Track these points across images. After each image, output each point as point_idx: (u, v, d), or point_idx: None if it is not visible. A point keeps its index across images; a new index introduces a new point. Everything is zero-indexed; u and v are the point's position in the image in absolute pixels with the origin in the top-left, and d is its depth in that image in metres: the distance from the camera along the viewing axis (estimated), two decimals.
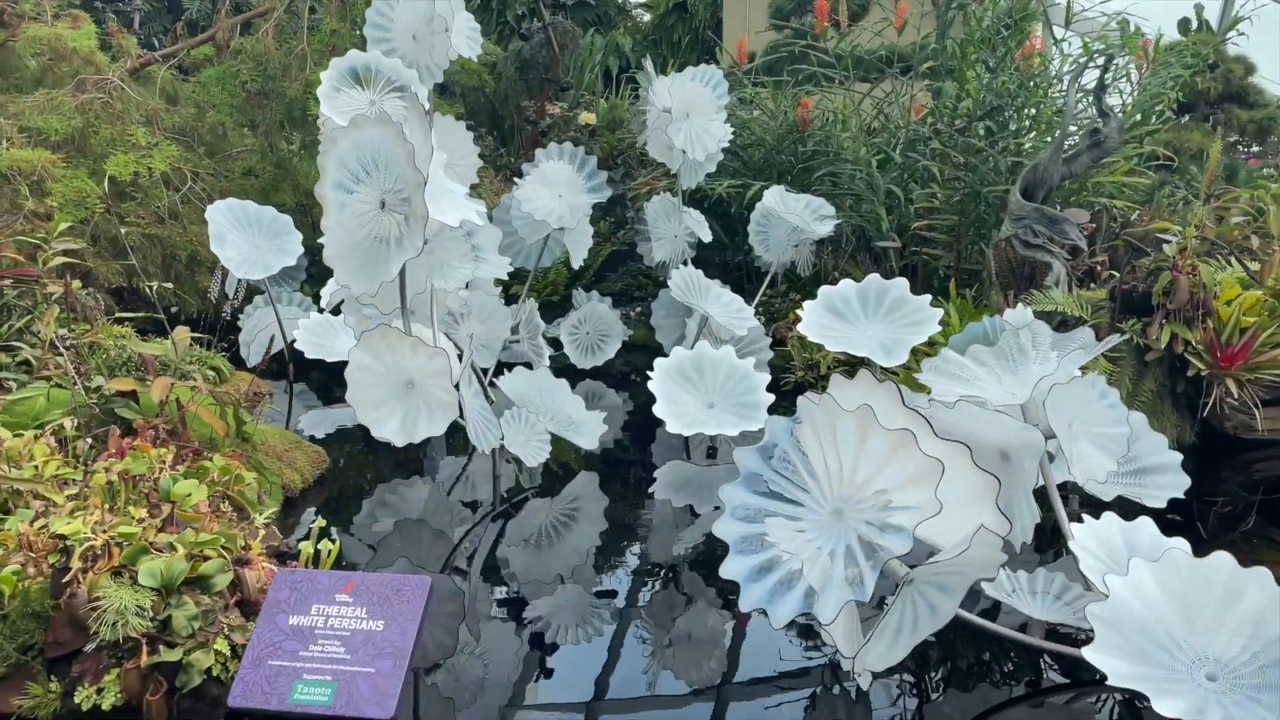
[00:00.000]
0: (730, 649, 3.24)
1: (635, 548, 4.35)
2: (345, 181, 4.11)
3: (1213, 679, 2.45)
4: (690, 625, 3.40)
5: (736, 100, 8.61)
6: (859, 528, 2.45)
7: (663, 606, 3.62)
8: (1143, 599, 2.55)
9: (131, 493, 3.14)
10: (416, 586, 2.46)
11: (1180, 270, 4.92)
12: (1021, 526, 3.01)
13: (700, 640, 3.30)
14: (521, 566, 4.04)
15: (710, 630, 3.36)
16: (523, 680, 2.97)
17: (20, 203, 6.88)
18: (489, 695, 2.82)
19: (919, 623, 2.60)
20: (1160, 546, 2.93)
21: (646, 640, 3.33)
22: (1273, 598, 2.50)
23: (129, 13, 9.97)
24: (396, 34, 6.35)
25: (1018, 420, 3.04)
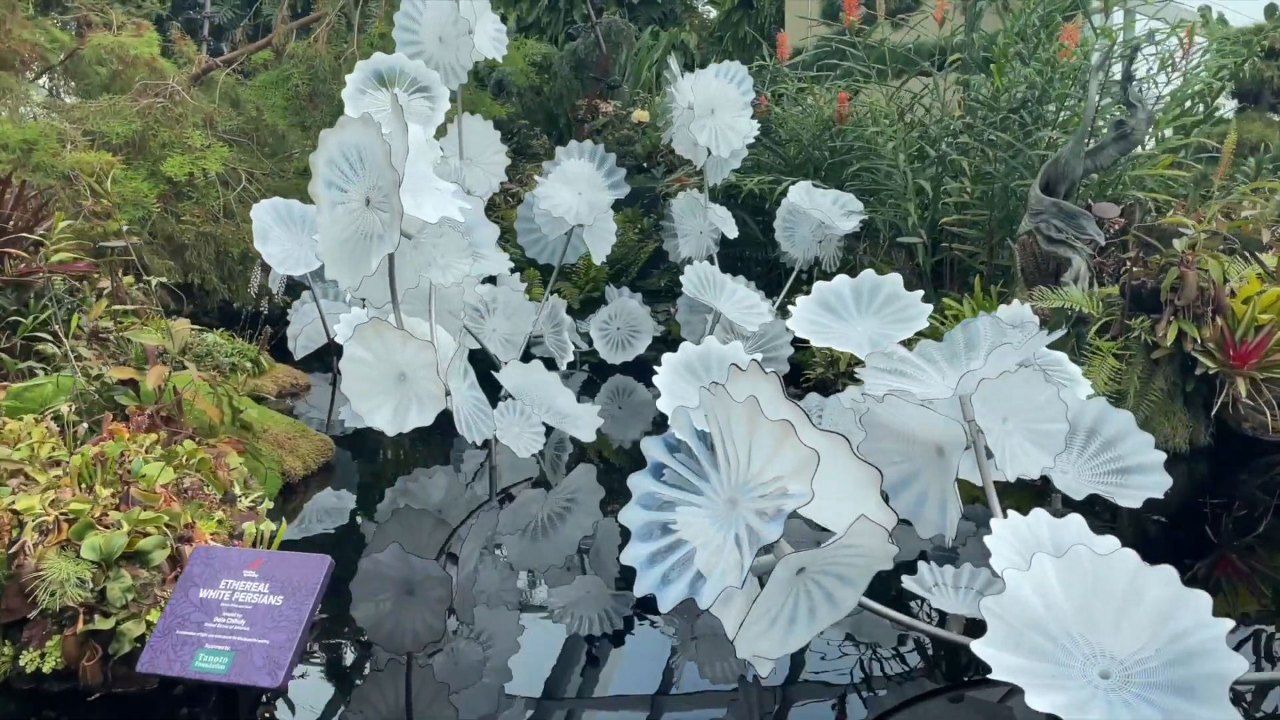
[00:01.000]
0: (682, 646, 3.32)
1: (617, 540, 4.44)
2: (335, 180, 4.27)
3: (1105, 676, 2.43)
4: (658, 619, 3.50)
5: (776, 96, 8.62)
6: (748, 517, 2.49)
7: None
8: (1041, 594, 2.54)
9: (107, 473, 3.35)
10: (316, 565, 2.59)
11: (1188, 266, 4.78)
12: (946, 520, 3.01)
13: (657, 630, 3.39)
14: (514, 555, 4.18)
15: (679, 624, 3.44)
16: (502, 664, 3.11)
17: (80, 202, 7.27)
18: (469, 676, 2.99)
19: (816, 612, 2.63)
20: (1089, 543, 2.90)
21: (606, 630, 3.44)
22: (1174, 597, 2.47)
23: (200, 20, 10.42)
24: (424, 36, 6.55)
25: (949, 415, 3.04)
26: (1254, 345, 4.81)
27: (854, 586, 2.64)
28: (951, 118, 7.20)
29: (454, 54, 6.50)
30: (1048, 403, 3.17)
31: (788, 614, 2.58)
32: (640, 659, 3.26)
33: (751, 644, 2.52)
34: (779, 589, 2.44)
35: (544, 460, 5.41)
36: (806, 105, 8.17)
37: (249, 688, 2.41)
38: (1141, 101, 5.94)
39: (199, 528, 3.06)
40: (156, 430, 3.91)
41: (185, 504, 3.30)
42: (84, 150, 7.57)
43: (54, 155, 7.35)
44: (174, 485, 3.30)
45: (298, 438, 4.89)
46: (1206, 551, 4.23)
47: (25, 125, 7.40)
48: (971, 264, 7.20)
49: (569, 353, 6.97)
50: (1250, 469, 5.06)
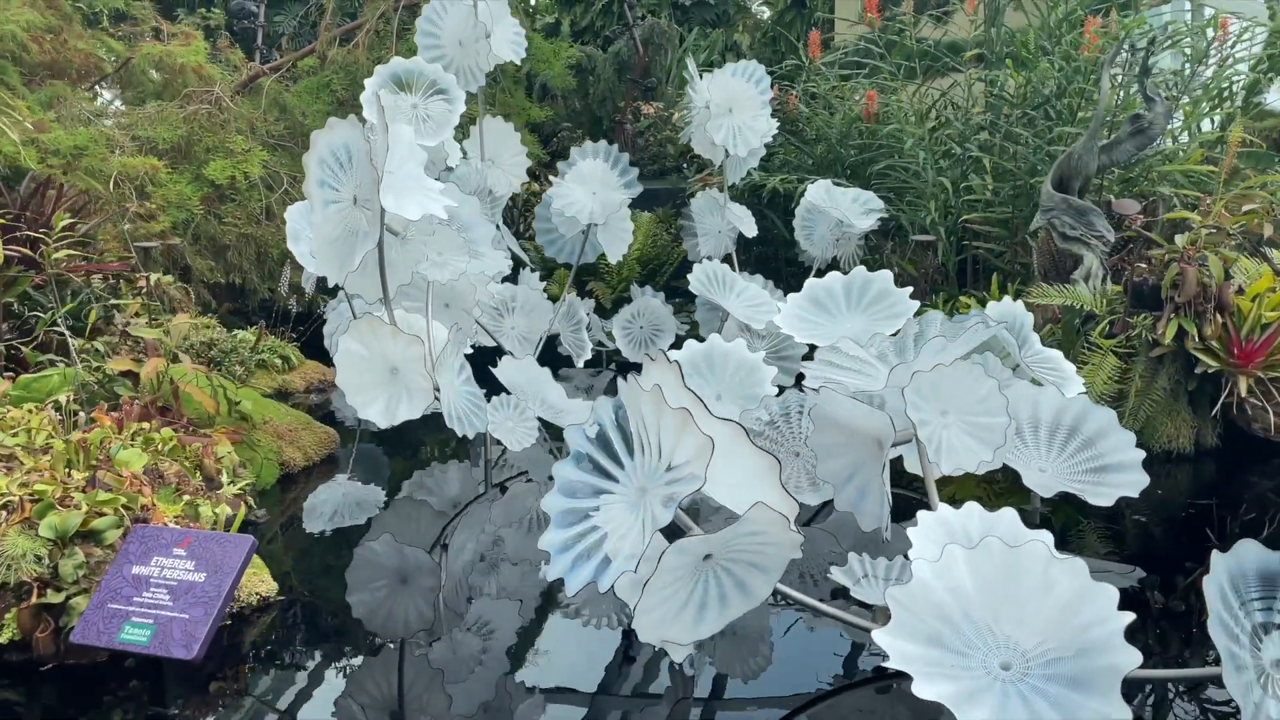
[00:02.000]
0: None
1: None
2: (327, 180, 4.41)
3: (1006, 667, 2.42)
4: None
5: (809, 96, 8.61)
6: (654, 503, 2.54)
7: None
8: (949, 584, 2.54)
9: (90, 459, 3.52)
10: (239, 544, 2.71)
11: (1189, 262, 4.68)
12: (875, 513, 3.01)
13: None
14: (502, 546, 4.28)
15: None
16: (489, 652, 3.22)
17: (125, 204, 7.58)
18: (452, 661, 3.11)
19: (728, 599, 2.67)
20: (1019, 537, 2.88)
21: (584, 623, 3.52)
22: (1081, 590, 2.45)
23: (254, 29, 10.77)
24: (445, 40, 6.70)
25: (882, 408, 3.04)
26: (1260, 344, 4.68)
27: (767, 574, 2.67)
28: (973, 115, 7.12)
29: (473, 57, 6.63)
30: (988, 396, 3.15)
31: (697, 601, 2.62)
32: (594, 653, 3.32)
33: (656, 629, 2.56)
34: (674, 575, 2.48)
35: (559, 455, 5.50)
36: (834, 104, 8.14)
37: (167, 659, 2.53)
38: (1160, 95, 5.82)
39: (162, 510, 3.20)
40: (151, 419, 4.09)
41: (159, 488, 3.45)
42: (131, 155, 7.89)
43: (102, 160, 7.67)
44: (151, 470, 3.46)
45: (300, 429, 5.06)
46: (1203, 555, 4.13)
47: (76, 132, 7.74)
48: (996, 262, 7.11)
49: (587, 350, 7.05)
50: (1257, 470, 4.92)
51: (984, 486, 4.78)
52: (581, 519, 2.69)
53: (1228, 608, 2.32)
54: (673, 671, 3.09)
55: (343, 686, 2.99)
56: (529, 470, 5.32)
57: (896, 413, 3.14)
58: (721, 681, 3.08)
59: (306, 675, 3.02)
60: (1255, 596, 2.36)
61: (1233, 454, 5.00)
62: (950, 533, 2.86)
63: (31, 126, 6.78)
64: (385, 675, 3.08)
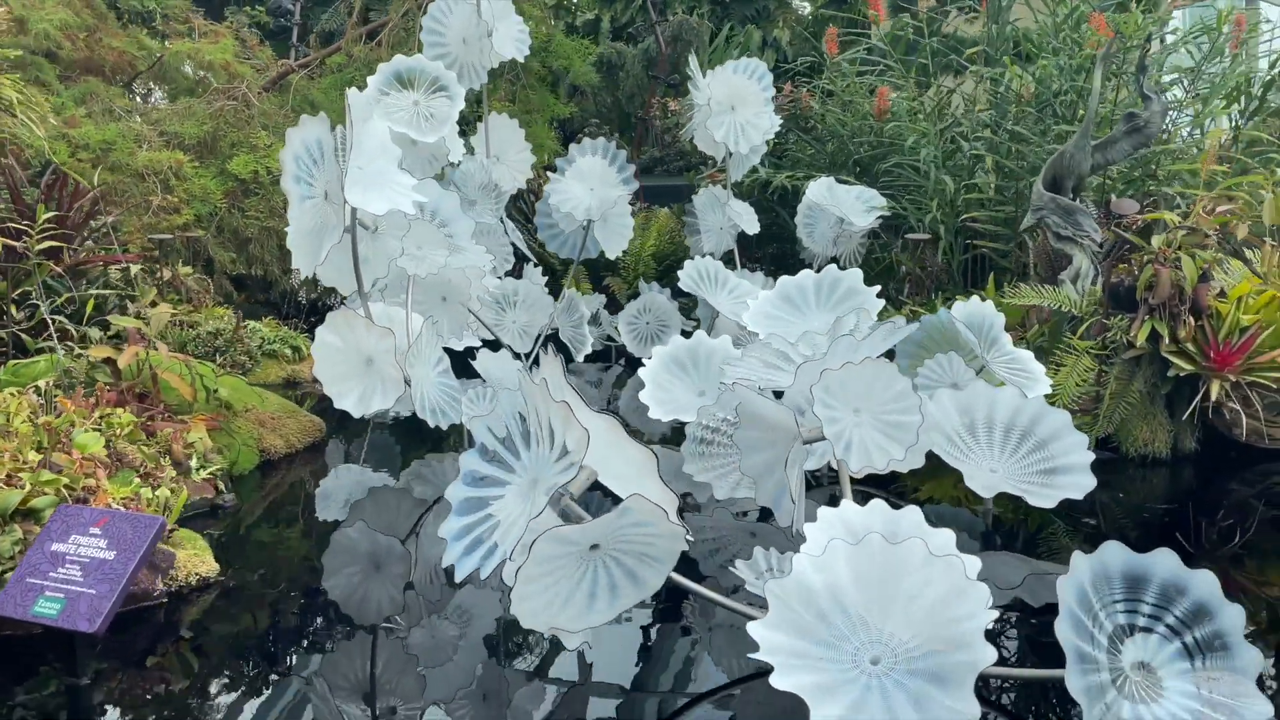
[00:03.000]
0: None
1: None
2: (302, 175, 4.55)
3: (875, 662, 2.45)
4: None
5: (825, 93, 8.59)
6: (540, 494, 2.61)
7: None
8: (828, 579, 2.57)
9: (55, 440, 3.70)
10: (148, 524, 2.83)
11: (1163, 263, 4.61)
12: (789, 509, 3.05)
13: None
14: None
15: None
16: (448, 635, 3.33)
17: (149, 198, 7.83)
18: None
19: (618, 589, 2.73)
20: (922, 533, 2.90)
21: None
22: (955, 587, 2.47)
23: (290, 27, 11.03)
24: (450, 38, 6.83)
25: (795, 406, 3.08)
26: (1238, 347, 4.61)
27: (657, 566, 2.73)
28: (977, 112, 7.06)
29: (477, 54, 6.75)
30: (900, 395, 3.16)
31: (586, 590, 2.69)
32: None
33: (540, 617, 2.63)
34: (551, 564, 2.55)
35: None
36: (849, 101, 8.12)
37: (72, 632, 2.67)
38: (1157, 93, 5.73)
39: (108, 492, 3.36)
40: (126, 405, 4.26)
41: (119, 471, 3.61)
42: (158, 150, 8.14)
43: (129, 154, 7.93)
44: (113, 453, 3.62)
45: (285, 417, 5.21)
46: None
47: (105, 127, 8.01)
48: (1002, 262, 7.04)
49: (587, 345, 7.14)
50: (1232, 476, 4.83)
51: (961, 488, 4.77)
52: (480, 508, 2.77)
53: (1086, 608, 2.33)
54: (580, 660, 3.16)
55: (266, 666, 3.11)
56: None
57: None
58: (621, 670, 3.13)
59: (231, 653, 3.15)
60: (1119, 598, 2.36)
61: (1210, 459, 4.92)
62: (850, 529, 2.88)
63: (55, 121, 7.02)
64: (313, 654, 3.20)
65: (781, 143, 8.49)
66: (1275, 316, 4.71)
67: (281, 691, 2.96)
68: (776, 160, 8.55)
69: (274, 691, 2.95)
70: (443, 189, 6.95)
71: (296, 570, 3.95)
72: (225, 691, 2.92)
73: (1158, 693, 2.28)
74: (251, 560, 3.90)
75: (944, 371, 4.62)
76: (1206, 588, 2.33)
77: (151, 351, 4.45)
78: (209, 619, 3.34)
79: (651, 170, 11.59)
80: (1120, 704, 2.25)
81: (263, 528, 4.33)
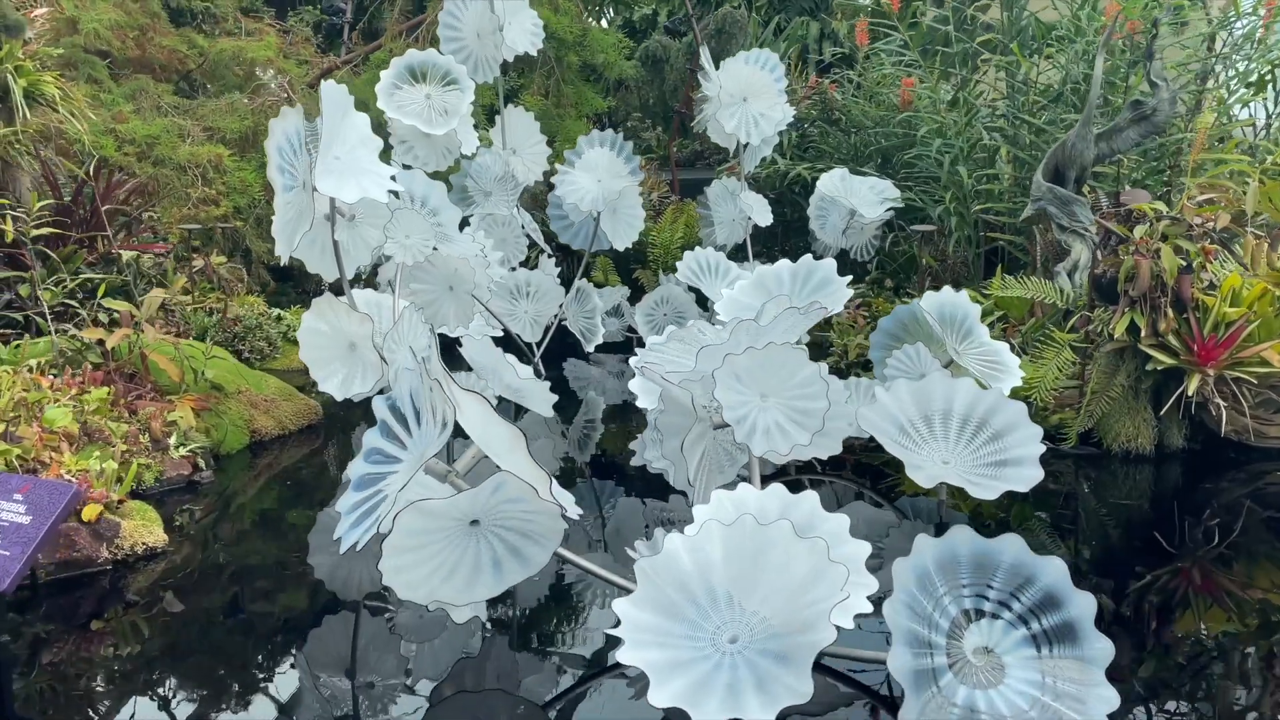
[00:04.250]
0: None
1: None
2: (285, 166, 4.70)
3: (734, 640, 2.47)
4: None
5: (854, 84, 8.53)
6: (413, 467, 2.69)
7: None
8: (699, 558, 2.59)
9: (31, 414, 3.91)
10: (64, 491, 2.98)
11: (1143, 254, 4.49)
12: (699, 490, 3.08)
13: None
14: None
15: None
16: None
17: (189, 190, 8.15)
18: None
19: (502, 566, 2.79)
20: (816, 519, 2.92)
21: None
22: (816, 569, 2.48)
23: (339, 24, 11.32)
24: (465, 33, 6.96)
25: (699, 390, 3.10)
26: (1223, 340, 4.46)
27: (541, 543, 2.79)
28: (993, 103, 6.94)
29: (491, 49, 6.87)
30: (807, 381, 3.16)
31: (469, 565, 2.76)
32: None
33: (419, 590, 2.71)
34: (421, 537, 2.62)
35: (566, 437, 5.71)
36: (876, 92, 8.05)
37: None
38: (1165, 80, 5.58)
39: (66, 463, 3.54)
40: (112, 384, 4.47)
41: (88, 445, 3.81)
42: (200, 144, 8.46)
43: (173, 148, 8.26)
44: (91, 429, 3.83)
45: (280, 400, 5.39)
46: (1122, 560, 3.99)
47: (151, 122, 8.35)
48: (1019, 254, 6.92)
49: (598, 335, 7.21)
50: (1210, 475, 4.68)
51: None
52: (375, 483, 2.86)
53: (928, 591, 2.32)
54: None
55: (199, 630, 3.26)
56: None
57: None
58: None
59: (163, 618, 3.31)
60: (965, 583, 2.34)
61: (1198, 457, 4.78)
62: (741, 511, 2.90)
63: (94, 116, 7.34)
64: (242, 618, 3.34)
65: (806, 135, 8.46)
66: (1266, 310, 4.55)
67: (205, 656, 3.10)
68: (802, 152, 8.52)
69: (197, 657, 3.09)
70: (459, 179, 7.17)
71: (250, 545, 4.08)
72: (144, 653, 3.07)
73: (999, 678, 2.26)
74: (206, 534, 4.06)
75: (912, 362, 4.58)
76: (1055, 575, 2.30)
77: (140, 334, 4.65)
78: (145, 585, 3.49)
79: (693, 164, 11.61)
80: (956, 688, 2.24)
81: (232, 504, 4.49)
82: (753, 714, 2.26)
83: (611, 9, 17.44)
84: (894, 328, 4.84)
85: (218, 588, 3.59)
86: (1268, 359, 4.34)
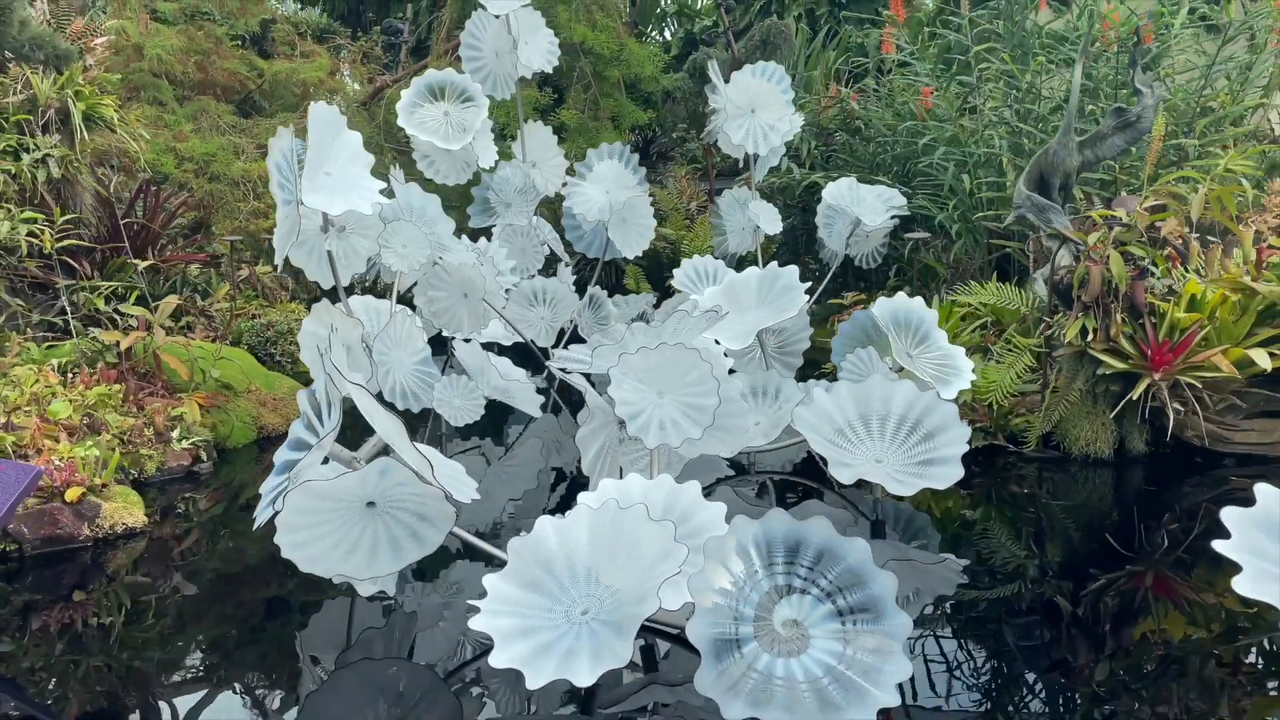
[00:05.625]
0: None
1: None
2: (284, 182, 5.08)
3: (585, 612, 2.71)
4: None
5: (886, 95, 8.63)
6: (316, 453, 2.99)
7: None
8: (565, 538, 2.83)
9: (39, 407, 4.35)
10: (27, 473, 3.35)
11: (1095, 260, 4.55)
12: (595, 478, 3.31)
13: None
14: None
15: None
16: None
17: (240, 204, 8.68)
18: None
19: (400, 545, 3.07)
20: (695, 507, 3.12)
21: None
22: (662, 550, 2.69)
23: (398, 44, 11.84)
24: (485, 51, 7.31)
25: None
26: (1175, 346, 4.50)
27: (436, 525, 3.06)
28: (996, 110, 6.99)
29: (508, 66, 7.21)
30: (700, 380, 3.37)
31: (368, 543, 3.05)
32: None
33: (321, 563, 3.01)
34: (312, 515, 2.92)
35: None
36: (890, 103, 8.16)
37: None
38: (1151, 87, 5.60)
39: (59, 450, 3.96)
40: (124, 383, 4.90)
41: (86, 435, 4.22)
42: (253, 161, 9.00)
43: (228, 165, 8.81)
44: (94, 420, 4.26)
45: (290, 400, 5.79)
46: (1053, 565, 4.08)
47: (210, 141, 8.92)
48: (1024, 261, 6.95)
49: None
50: (1162, 482, 4.69)
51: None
52: (289, 468, 3.17)
53: (741, 567, 2.51)
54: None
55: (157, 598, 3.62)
56: (480, 445, 5.81)
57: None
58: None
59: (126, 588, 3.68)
60: (779, 561, 2.53)
61: (1157, 461, 4.81)
62: (627, 499, 3.13)
63: (147, 135, 7.89)
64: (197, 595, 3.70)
65: (826, 145, 8.59)
66: (1226, 317, 4.57)
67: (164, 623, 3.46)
68: (825, 162, 8.66)
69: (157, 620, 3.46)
70: (480, 191, 7.51)
71: (224, 528, 4.44)
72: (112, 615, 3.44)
73: (803, 648, 2.44)
74: (188, 518, 4.44)
75: (865, 366, 4.74)
76: (858, 555, 2.48)
77: (153, 337, 5.09)
78: (119, 561, 3.88)
79: (736, 174, 11.79)
80: (759, 655, 2.43)
81: (222, 492, 4.87)
82: (581, 677, 2.49)
83: (675, 22, 17.75)
84: (854, 332, 5.00)
85: (183, 565, 3.95)
86: (1217, 364, 4.37)
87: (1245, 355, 4.39)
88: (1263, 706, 2.83)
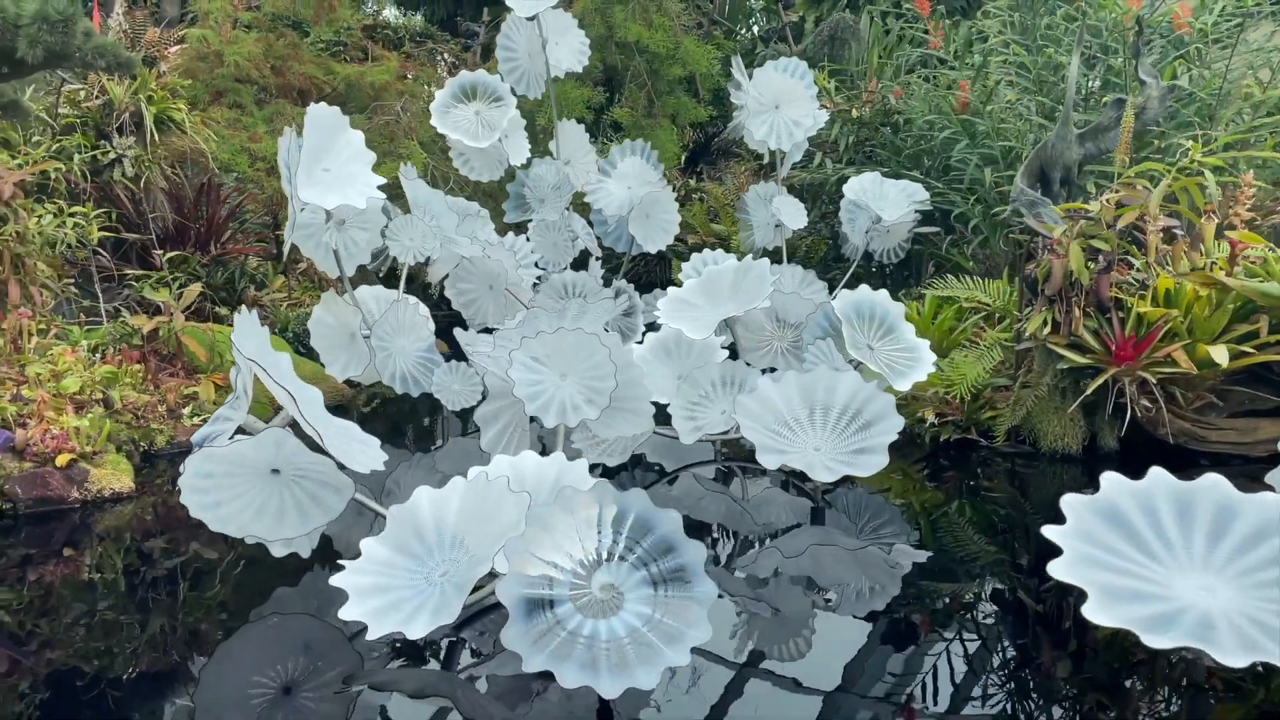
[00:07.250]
0: None
1: None
2: (289, 178, 5.44)
3: (444, 575, 2.92)
4: None
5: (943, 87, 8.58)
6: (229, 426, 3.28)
7: None
8: (438, 506, 3.04)
9: (56, 383, 4.80)
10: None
11: (1058, 254, 4.51)
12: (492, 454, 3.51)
13: None
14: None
15: None
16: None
17: None
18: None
19: (306, 510, 3.33)
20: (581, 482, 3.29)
21: None
22: (514, 520, 2.88)
23: (470, 45, 12.24)
24: (519, 51, 7.59)
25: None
26: (1140, 340, 4.44)
27: (339, 492, 3.32)
28: (1015, 103, 6.90)
29: (541, 66, 7.46)
30: (599, 364, 3.53)
31: (274, 507, 3.32)
32: None
33: (232, 524, 3.29)
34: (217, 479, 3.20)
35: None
36: (928, 96, 8.11)
37: None
38: (1156, 77, 5.50)
39: (60, 421, 4.38)
40: (146, 363, 5.34)
41: (92, 407, 4.65)
42: None
43: None
44: (86, 393, 4.69)
45: (310, 381, 6.13)
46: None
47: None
48: None
49: (638, 334, 7.63)
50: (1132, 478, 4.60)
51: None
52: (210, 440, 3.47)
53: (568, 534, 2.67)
54: None
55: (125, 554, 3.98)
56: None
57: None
58: None
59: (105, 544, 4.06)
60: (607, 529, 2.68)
61: (1128, 458, 4.72)
62: (519, 476, 3.33)
63: (214, 135, 8.44)
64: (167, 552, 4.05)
65: (866, 140, 8.58)
66: (1200, 312, 4.48)
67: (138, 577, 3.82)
68: (867, 157, 8.65)
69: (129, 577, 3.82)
70: (515, 187, 7.78)
71: None
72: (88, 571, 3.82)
73: (615, 611, 2.59)
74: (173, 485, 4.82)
75: (825, 356, 4.81)
76: (670, 526, 2.61)
77: (174, 321, 5.53)
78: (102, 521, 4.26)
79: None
80: (573, 617, 2.59)
81: None
82: (414, 630, 2.70)
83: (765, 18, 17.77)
84: (824, 323, 5.06)
85: (157, 527, 4.32)
86: (1176, 359, 4.29)
87: (1208, 353, 4.30)
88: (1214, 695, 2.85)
